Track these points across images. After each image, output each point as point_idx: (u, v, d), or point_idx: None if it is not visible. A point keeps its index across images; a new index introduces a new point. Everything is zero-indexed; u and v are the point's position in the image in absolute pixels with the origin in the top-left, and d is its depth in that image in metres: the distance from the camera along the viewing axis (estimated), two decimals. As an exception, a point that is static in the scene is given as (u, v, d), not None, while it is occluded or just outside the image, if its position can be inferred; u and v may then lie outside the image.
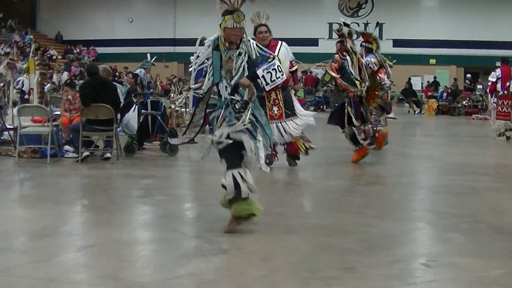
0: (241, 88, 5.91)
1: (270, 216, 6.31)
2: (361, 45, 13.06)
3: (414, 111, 30.90)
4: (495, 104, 16.75)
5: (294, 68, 10.35)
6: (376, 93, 11.27)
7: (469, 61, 36.67)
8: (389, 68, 13.57)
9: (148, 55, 14.37)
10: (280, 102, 9.79)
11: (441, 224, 6.61)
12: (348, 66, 11.03)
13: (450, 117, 28.23)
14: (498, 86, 16.65)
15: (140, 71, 17.35)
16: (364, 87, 11.07)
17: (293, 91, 10.46)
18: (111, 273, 4.74)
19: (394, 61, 15.20)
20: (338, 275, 4.75)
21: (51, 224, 6.35)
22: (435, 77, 36.17)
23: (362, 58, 11.91)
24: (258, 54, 6.03)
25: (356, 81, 11.02)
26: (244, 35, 5.99)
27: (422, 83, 36.77)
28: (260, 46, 6.25)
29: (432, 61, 38.30)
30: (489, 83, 17.35)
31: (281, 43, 9.97)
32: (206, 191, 6.45)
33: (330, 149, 12.06)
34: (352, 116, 11.03)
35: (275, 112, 9.74)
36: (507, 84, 16.37)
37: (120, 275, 4.70)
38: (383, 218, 6.78)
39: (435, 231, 6.40)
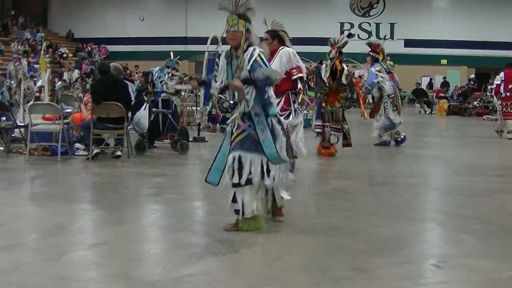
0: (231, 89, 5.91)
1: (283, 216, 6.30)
2: (368, 55, 13.85)
3: (425, 112, 30.85)
4: (501, 106, 17.67)
5: (295, 76, 9.73)
6: (341, 95, 11.91)
7: (480, 62, 36.60)
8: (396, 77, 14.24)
9: (172, 53, 14.40)
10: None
11: (452, 225, 6.58)
12: (321, 71, 12.08)
13: (461, 118, 28.15)
14: (502, 88, 17.48)
15: (164, 70, 17.34)
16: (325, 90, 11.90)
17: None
18: (122, 272, 4.73)
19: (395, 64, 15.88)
20: (349, 275, 4.74)
21: (61, 222, 6.36)
22: (444, 78, 36.08)
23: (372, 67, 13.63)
24: (253, 64, 5.79)
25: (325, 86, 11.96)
26: (249, 41, 5.92)
27: (433, 83, 36.68)
28: (264, 57, 5.93)
29: (443, 61, 38.22)
30: (494, 86, 18.57)
31: (279, 52, 9.62)
32: (217, 190, 6.42)
33: (340, 149, 12.03)
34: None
35: None
36: (510, 86, 17.18)
37: (131, 274, 4.70)
38: (394, 219, 6.75)
39: (446, 232, 6.38)
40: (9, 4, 43.28)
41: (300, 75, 9.71)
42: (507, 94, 17.27)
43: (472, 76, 34.95)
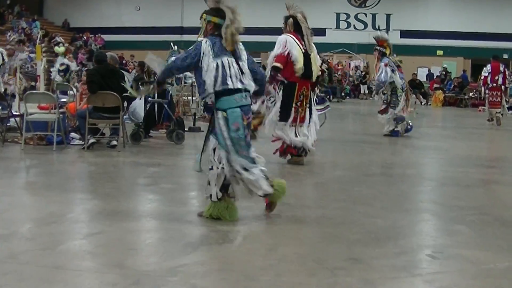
0: None
1: (277, 206, 6.29)
2: (375, 49, 13.88)
3: (421, 102, 30.87)
4: (487, 95, 19.42)
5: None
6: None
7: (477, 53, 36.53)
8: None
9: (172, 44, 14.43)
10: (306, 103, 9.50)
11: (448, 216, 6.60)
12: None
13: (457, 109, 28.20)
14: (489, 79, 19.26)
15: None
16: None
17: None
18: (117, 261, 4.74)
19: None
20: (344, 265, 4.75)
21: (57, 211, 6.35)
22: (445, 68, 36.07)
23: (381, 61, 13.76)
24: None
25: None
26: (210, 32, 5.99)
27: (433, 74, 36.64)
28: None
29: (440, 52, 38.17)
30: (482, 77, 20.04)
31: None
32: (213, 180, 6.47)
33: (337, 140, 12.05)
34: None
35: (299, 114, 9.43)
36: (496, 78, 19.08)
37: (126, 263, 4.70)
38: (390, 210, 6.77)
39: (442, 223, 6.40)
40: (5, -7, 43.20)
41: (274, 64, 9.36)
42: (494, 84, 19.07)
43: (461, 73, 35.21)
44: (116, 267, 4.63)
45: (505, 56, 36.80)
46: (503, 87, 19.33)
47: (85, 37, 40.70)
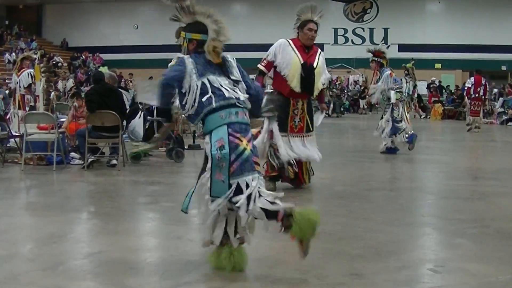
0: None
1: (279, 222, 6.27)
2: (372, 61, 13.78)
3: (420, 116, 30.88)
4: (469, 104, 22.42)
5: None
6: None
7: (475, 65, 36.49)
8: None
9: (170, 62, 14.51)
10: (305, 114, 8.80)
11: (449, 229, 6.59)
12: None
13: (456, 122, 28.20)
14: (472, 90, 22.05)
15: None
16: None
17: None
18: (118, 281, 4.73)
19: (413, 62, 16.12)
20: (346, 281, 4.74)
21: (57, 231, 6.35)
22: (440, 82, 36.18)
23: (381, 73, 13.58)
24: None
25: None
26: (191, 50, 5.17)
27: (442, 86, 36.71)
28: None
29: (438, 65, 38.27)
30: (466, 88, 23.22)
31: (320, 52, 9.07)
32: (213, 197, 6.45)
33: (337, 155, 12.05)
34: None
35: (296, 124, 8.74)
36: (478, 89, 21.84)
37: (127, 283, 4.70)
38: (391, 224, 6.76)
39: (443, 237, 6.38)
40: (3, 14, 43.35)
41: (258, 66, 8.72)
42: (476, 95, 21.86)
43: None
44: (117, 286, 4.62)
45: (504, 68, 36.93)
46: (483, 97, 22.37)
47: (83, 57, 40.84)
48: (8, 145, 11.94)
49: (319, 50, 9.08)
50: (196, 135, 15.22)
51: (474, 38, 36.70)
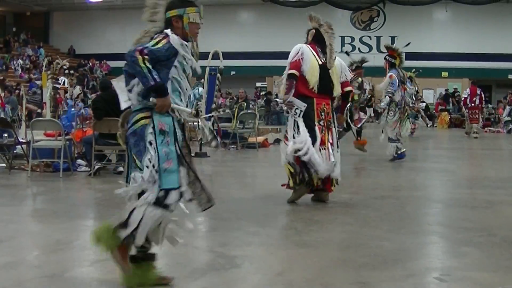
0: None
1: (284, 231, 6.28)
2: (385, 59, 13.35)
3: (427, 124, 30.83)
4: (467, 113, 24.11)
5: (347, 89, 8.96)
6: None
7: (481, 74, 36.57)
8: (409, 85, 14.07)
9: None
10: (333, 124, 8.50)
11: (455, 238, 6.57)
12: None
13: (463, 130, 28.12)
14: (468, 100, 23.82)
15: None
16: None
17: None
18: (125, 288, 4.73)
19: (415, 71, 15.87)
20: (352, 289, 4.73)
21: (64, 238, 6.36)
22: (446, 90, 36.15)
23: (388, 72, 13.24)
24: None
25: None
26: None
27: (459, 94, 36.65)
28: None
29: (444, 74, 38.25)
30: (462, 98, 25.41)
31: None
32: (219, 205, 6.40)
33: (343, 163, 11.98)
34: None
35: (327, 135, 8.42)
36: (474, 99, 23.64)
37: (134, 290, 4.69)
38: (397, 232, 6.74)
39: (449, 245, 6.37)
40: (10, 21, 43.51)
41: (289, 71, 8.52)
42: (472, 104, 23.64)
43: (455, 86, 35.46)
44: (123, 293, 4.62)
45: (510, 76, 36.86)
46: (480, 105, 24.00)
47: (90, 64, 40.91)
48: (15, 151, 11.95)
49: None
50: (202, 142, 15.22)
51: (481, 46, 36.67)
